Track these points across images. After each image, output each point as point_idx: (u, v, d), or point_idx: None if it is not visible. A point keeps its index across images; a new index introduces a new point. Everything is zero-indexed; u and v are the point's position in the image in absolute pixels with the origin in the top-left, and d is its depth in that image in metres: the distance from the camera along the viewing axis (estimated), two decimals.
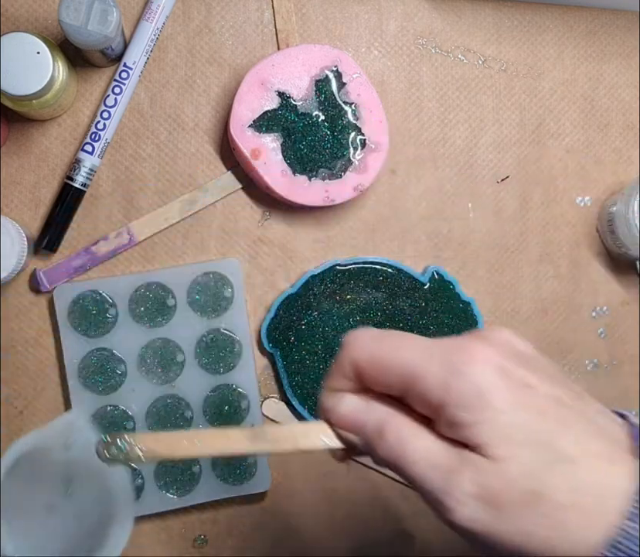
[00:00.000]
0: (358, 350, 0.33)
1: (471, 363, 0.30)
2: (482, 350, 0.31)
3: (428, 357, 0.31)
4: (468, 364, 0.30)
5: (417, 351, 0.32)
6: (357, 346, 0.33)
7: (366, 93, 0.57)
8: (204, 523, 0.58)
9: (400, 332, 0.34)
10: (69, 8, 0.47)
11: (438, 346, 0.32)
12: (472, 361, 0.30)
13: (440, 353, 0.31)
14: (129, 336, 0.56)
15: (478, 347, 0.31)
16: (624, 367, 0.64)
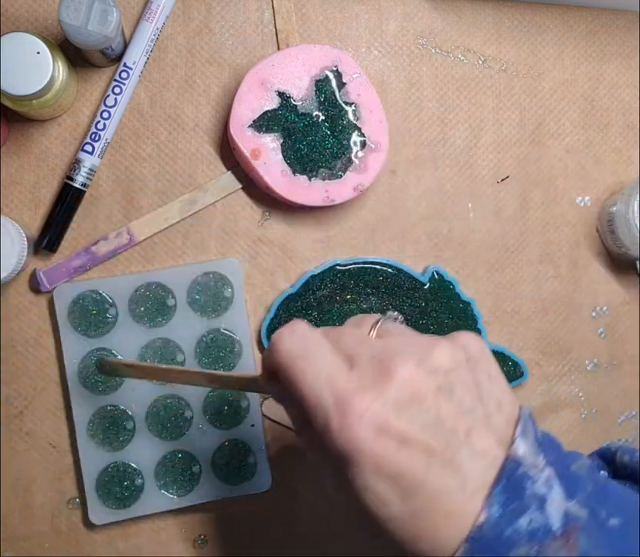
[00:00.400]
0: (273, 360, 0.36)
1: (353, 418, 0.32)
2: (367, 406, 0.33)
3: (324, 395, 0.34)
4: (349, 419, 0.33)
5: (318, 383, 0.34)
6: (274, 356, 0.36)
7: (366, 93, 0.57)
8: (204, 523, 0.58)
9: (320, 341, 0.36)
10: (69, 8, 0.47)
11: (335, 387, 0.34)
12: (354, 416, 0.32)
13: (333, 400, 0.33)
14: (129, 336, 0.56)
15: (363, 401, 0.33)
16: (624, 367, 0.64)
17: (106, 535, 0.57)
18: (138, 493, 0.56)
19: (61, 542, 0.57)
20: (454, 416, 0.33)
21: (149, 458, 0.56)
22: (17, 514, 0.56)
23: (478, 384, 0.35)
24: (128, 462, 0.56)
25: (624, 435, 0.64)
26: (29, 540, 0.57)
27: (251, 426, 0.58)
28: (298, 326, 0.37)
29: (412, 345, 0.36)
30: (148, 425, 0.56)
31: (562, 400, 0.63)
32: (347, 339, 0.36)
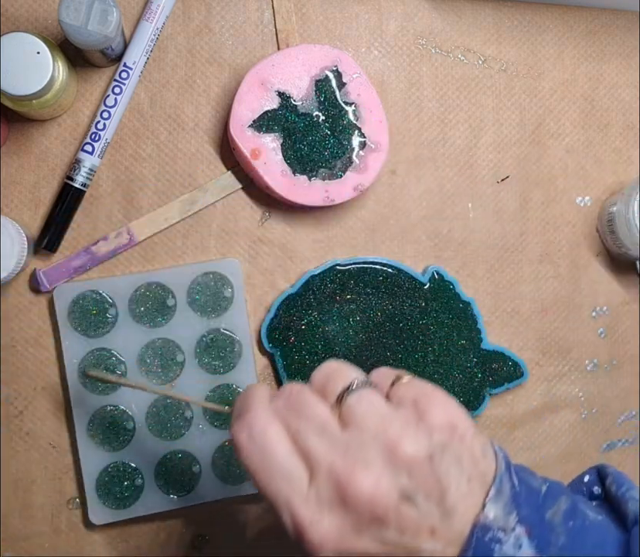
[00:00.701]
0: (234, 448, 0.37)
1: (312, 546, 0.34)
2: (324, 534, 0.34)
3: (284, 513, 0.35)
4: (308, 546, 0.35)
5: (277, 496, 0.35)
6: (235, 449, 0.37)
7: (366, 93, 0.57)
8: (204, 523, 0.58)
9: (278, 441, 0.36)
10: (69, 8, 0.47)
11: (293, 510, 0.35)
12: (312, 545, 0.34)
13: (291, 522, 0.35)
14: (129, 336, 0.56)
15: (320, 531, 0.34)
16: (624, 367, 0.64)
17: (106, 535, 0.57)
18: (138, 493, 0.56)
19: (61, 542, 0.57)
20: (417, 522, 0.34)
21: (149, 458, 0.56)
22: (17, 514, 0.56)
23: (442, 478, 0.35)
24: (128, 462, 0.56)
25: (624, 435, 0.64)
26: (29, 540, 0.57)
27: None
28: (256, 422, 0.36)
29: (376, 441, 0.35)
30: (148, 425, 0.56)
31: (562, 400, 0.63)
32: (307, 430, 0.36)
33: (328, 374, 0.38)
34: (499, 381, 0.61)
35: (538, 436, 0.63)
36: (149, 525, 0.58)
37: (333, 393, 0.37)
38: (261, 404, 0.38)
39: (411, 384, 0.38)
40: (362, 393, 0.37)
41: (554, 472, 0.63)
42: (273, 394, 0.39)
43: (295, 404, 0.37)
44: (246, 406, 0.38)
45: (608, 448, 0.64)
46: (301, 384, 0.38)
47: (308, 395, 0.37)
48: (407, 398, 0.37)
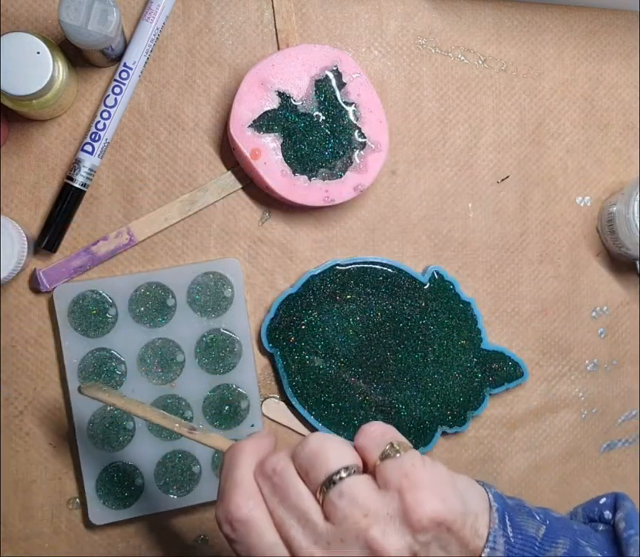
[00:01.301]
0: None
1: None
2: None
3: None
4: None
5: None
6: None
7: (366, 93, 0.57)
8: (204, 523, 0.58)
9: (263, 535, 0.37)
10: (69, 8, 0.47)
11: None
12: None
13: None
14: (129, 336, 0.56)
15: None
16: (624, 367, 0.64)
17: (106, 535, 0.57)
18: (138, 493, 0.56)
19: (61, 542, 0.57)
20: None
21: (149, 458, 0.56)
22: (17, 514, 0.56)
23: None
24: (128, 462, 0.56)
25: (624, 436, 0.64)
26: (29, 540, 0.57)
27: (251, 426, 0.58)
28: (239, 512, 0.36)
29: (357, 540, 0.35)
30: (147, 425, 0.56)
31: (562, 400, 0.63)
32: (290, 520, 0.36)
33: (310, 456, 0.37)
34: (499, 381, 0.61)
35: (538, 436, 0.63)
36: (149, 525, 0.58)
37: (316, 480, 0.37)
38: (244, 484, 0.37)
39: (399, 464, 0.37)
40: (344, 488, 0.36)
41: (554, 472, 0.63)
42: (258, 460, 0.38)
43: (279, 488, 0.37)
44: (228, 486, 0.38)
45: (608, 448, 0.64)
46: (285, 458, 0.38)
47: (292, 479, 0.37)
48: (392, 481, 0.36)
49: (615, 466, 0.65)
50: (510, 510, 0.38)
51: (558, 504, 0.63)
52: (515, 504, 0.40)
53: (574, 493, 0.64)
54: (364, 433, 0.39)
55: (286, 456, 0.38)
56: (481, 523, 0.37)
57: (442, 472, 0.37)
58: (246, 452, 0.39)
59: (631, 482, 0.65)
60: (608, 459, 0.64)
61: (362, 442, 0.38)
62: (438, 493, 0.36)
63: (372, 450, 0.38)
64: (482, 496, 0.38)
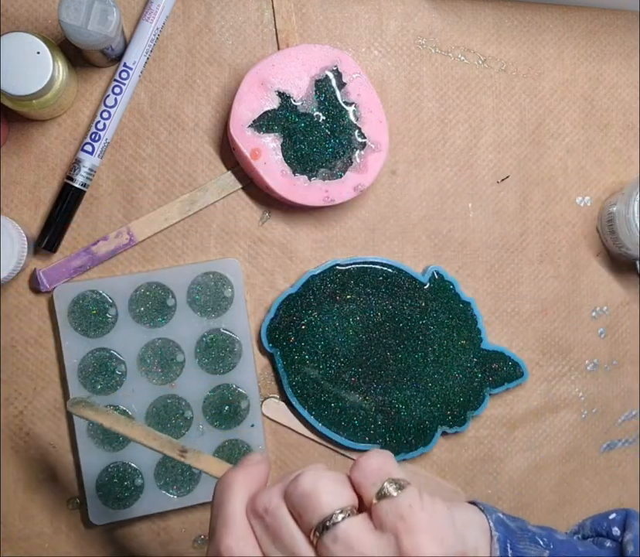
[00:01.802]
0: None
1: None
2: None
3: None
4: None
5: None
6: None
7: (366, 93, 0.57)
8: (204, 523, 0.58)
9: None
10: (69, 8, 0.47)
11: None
12: None
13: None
14: (129, 336, 0.56)
15: None
16: (624, 367, 0.64)
17: (106, 535, 0.57)
18: (138, 493, 0.56)
19: (61, 542, 0.57)
20: None
21: (149, 458, 0.56)
22: (17, 514, 0.56)
23: None
24: (128, 462, 0.56)
25: (624, 435, 0.64)
26: (29, 540, 0.57)
27: (251, 426, 0.58)
28: (230, 552, 0.35)
29: None
30: (148, 425, 0.56)
31: (562, 400, 0.63)
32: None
33: (303, 497, 0.36)
34: (499, 381, 0.61)
35: (538, 436, 0.63)
36: (149, 525, 0.58)
37: (309, 523, 0.35)
38: (235, 524, 0.36)
39: (395, 505, 0.35)
40: (338, 533, 0.34)
41: (554, 472, 0.63)
42: (250, 493, 0.37)
43: (271, 528, 0.36)
44: (219, 525, 0.36)
45: (608, 448, 0.64)
46: (277, 496, 0.36)
47: (284, 520, 0.36)
48: (388, 524, 0.35)
49: (615, 466, 0.65)
50: (512, 537, 0.37)
51: (558, 504, 0.63)
52: (517, 527, 0.39)
53: (574, 493, 0.64)
54: (360, 468, 0.37)
55: (278, 494, 0.36)
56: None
57: (440, 511, 0.36)
58: (236, 486, 0.38)
59: (631, 482, 0.65)
60: (608, 459, 0.64)
61: (358, 478, 0.37)
62: (436, 535, 0.34)
63: (367, 487, 0.36)
64: (483, 527, 0.37)
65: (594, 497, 0.64)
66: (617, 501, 0.64)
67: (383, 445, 0.59)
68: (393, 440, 0.59)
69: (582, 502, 0.64)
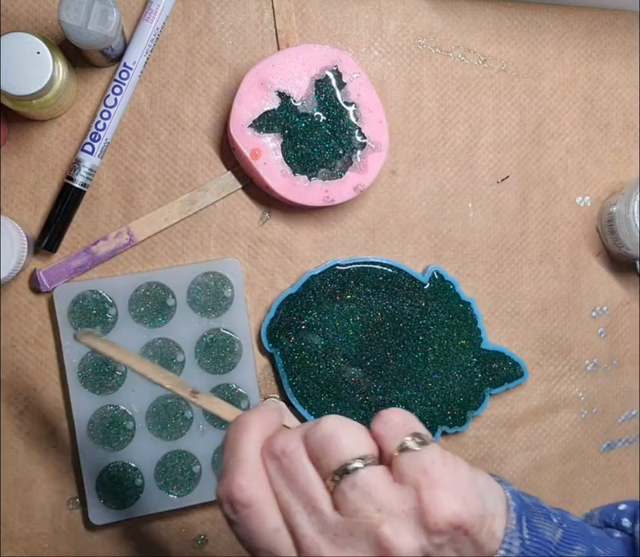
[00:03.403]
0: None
1: None
2: None
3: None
4: None
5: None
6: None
7: (366, 93, 0.57)
8: (204, 523, 0.58)
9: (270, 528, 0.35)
10: (69, 8, 0.47)
11: None
12: None
13: None
14: (129, 336, 0.56)
15: None
16: (624, 367, 0.64)
17: (106, 535, 0.57)
18: (138, 493, 0.56)
19: (61, 542, 0.57)
20: None
21: (149, 458, 0.56)
22: (17, 514, 0.56)
23: None
24: (128, 462, 0.56)
25: (624, 435, 0.64)
26: (29, 540, 0.57)
27: None
28: (241, 492, 0.34)
29: (367, 535, 0.33)
30: (147, 425, 0.56)
31: (562, 400, 0.63)
32: (297, 506, 0.34)
33: (324, 440, 0.34)
34: (499, 380, 0.61)
35: (538, 436, 0.63)
36: (149, 525, 0.58)
37: (328, 467, 0.34)
38: (248, 463, 0.35)
39: (418, 459, 0.34)
40: (357, 479, 0.33)
41: (554, 472, 0.63)
42: (265, 436, 0.36)
43: (287, 470, 0.35)
44: (232, 463, 0.35)
45: (608, 448, 0.64)
46: (296, 439, 0.35)
47: (302, 463, 0.35)
48: (409, 476, 0.34)
49: (615, 465, 0.65)
50: (527, 511, 0.37)
51: (558, 504, 0.63)
52: (532, 503, 0.38)
53: (574, 493, 0.64)
54: (382, 420, 0.36)
55: (297, 437, 0.35)
56: (498, 525, 0.35)
57: (463, 470, 0.35)
58: (253, 427, 0.36)
59: (631, 482, 0.65)
60: (608, 459, 0.64)
61: (380, 430, 0.35)
62: (458, 493, 0.33)
63: (390, 440, 0.35)
64: (500, 495, 0.36)
65: (593, 496, 0.64)
66: None
67: None
68: None
69: (582, 502, 0.64)
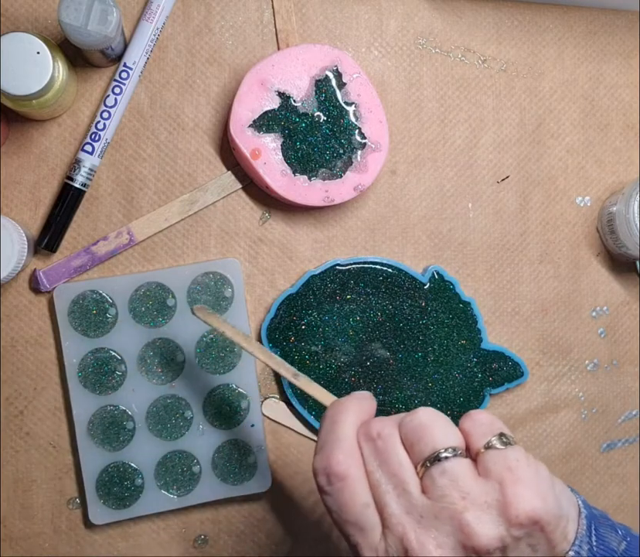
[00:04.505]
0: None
1: None
2: None
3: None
4: None
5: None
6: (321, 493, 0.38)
7: (366, 94, 0.57)
8: (204, 523, 0.58)
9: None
10: (69, 8, 0.47)
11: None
12: None
13: None
14: (129, 336, 0.56)
15: None
16: (624, 367, 0.64)
17: (106, 535, 0.57)
18: (138, 493, 0.56)
19: (61, 542, 0.57)
20: None
21: (149, 458, 0.56)
22: (17, 514, 0.56)
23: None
24: (128, 462, 0.56)
25: (624, 435, 0.64)
26: (29, 540, 0.57)
27: (251, 426, 0.58)
28: (337, 466, 0.37)
29: (451, 520, 0.35)
30: (148, 425, 0.56)
31: (562, 400, 0.63)
32: (388, 486, 0.36)
33: (419, 428, 0.37)
34: (499, 380, 0.61)
35: (538, 436, 0.63)
36: (149, 525, 0.58)
37: (420, 454, 0.37)
38: (346, 441, 0.38)
39: (504, 456, 0.37)
40: (447, 467, 0.36)
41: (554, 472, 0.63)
42: (361, 420, 0.39)
43: (382, 452, 0.37)
44: (331, 439, 0.38)
45: (608, 448, 0.64)
46: (392, 425, 0.38)
47: (396, 447, 0.37)
48: (494, 472, 0.36)
49: (615, 465, 0.65)
50: (595, 520, 0.39)
51: None
52: (599, 514, 0.40)
53: None
54: (471, 419, 0.39)
55: (393, 424, 0.38)
56: (570, 528, 0.37)
57: (544, 472, 0.37)
58: (351, 410, 0.39)
59: (631, 482, 0.65)
60: (608, 459, 0.64)
61: (469, 427, 0.38)
62: (539, 492, 0.36)
63: (477, 437, 0.38)
64: (573, 502, 0.39)
65: (594, 496, 0.64)
66: (617, 501, 0.64)
67: None
68: None
69: None
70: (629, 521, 0.64)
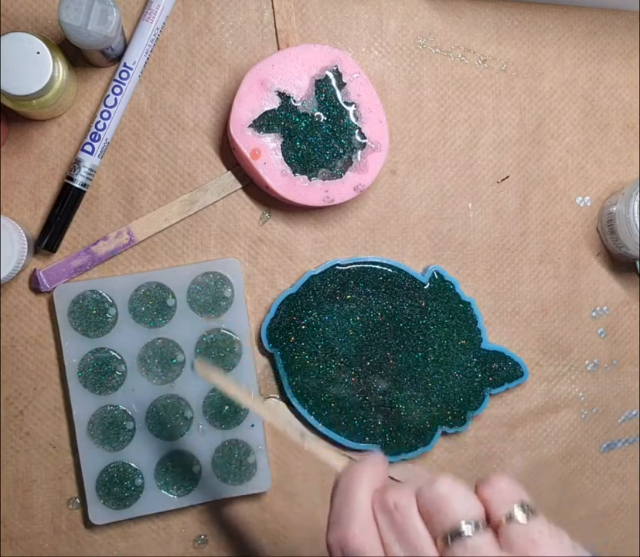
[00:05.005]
0: None
1: None
2: None
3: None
4: None
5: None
6: None
7: (366, 94, 0.57)
8: (204, 523, 0.58)
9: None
10: (69, 8, 0.47)
11: None
12: None
13: None
14: (129, 336, 0.56)
15: None
16: (624, 367, 0.64)
17: (106, 535, 0.57)
18: (138, 493, 0.56)
19: (61, 542, 0.57)
20: None
21: (149, 458, 0.56)
22: (17, 514, 0.56)
23: None
24: (128, 462, 0.56)
25: (624, 435, 0.64)
26: (29, 540, 0.57)
27: (251, 426, 0.58)
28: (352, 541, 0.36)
29: None
30: (148, 425, 0.56)
31: (562, 400, 0.63)
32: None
33: (438, 499, 0.36)
34: (499, 380, 0.61)
35: (538, 436, 0.63)
36: (149, 525, 0.58)
37: (440, 526, 0.36)
38: (361, 513, 0.37)
39: (526, 529, 0.36)
40: (469, 544, 0.35)
41: (554, 472, 0.63)
42: (375, 488, 0.38)
43: (399, 525, 0.36)
44: (345, 513, 0.37)
45: (608, 448, 0.64)
46: (409, 495, 0.37)
47: (414, 519, 0.36)
48: (517, 545, 0.35)
49: (615, 465, 0.65)
50: None
51: (558, 504, 0.63)
52: None
53: (574, 493, 0.64)
54: (492, 486, 0.38)
55: (410, 493, 0.37)
56: None
57: (566, 541, 0.37)
58: (365, 478, 0.38)
59: (631, 482, 0.65)
60: (608, 459, 0.64)
61: (489, 495, 0.37)
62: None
63: (497, 505, 0.37)
64: None
65: (593, 497, 0.64)
66: (617, 501, 0.64)
67: (383, 445, 0.59)
68: (393, 440, 0.59)
69: (582, 502, 0.64)
70: (629, 521, 0.65)
